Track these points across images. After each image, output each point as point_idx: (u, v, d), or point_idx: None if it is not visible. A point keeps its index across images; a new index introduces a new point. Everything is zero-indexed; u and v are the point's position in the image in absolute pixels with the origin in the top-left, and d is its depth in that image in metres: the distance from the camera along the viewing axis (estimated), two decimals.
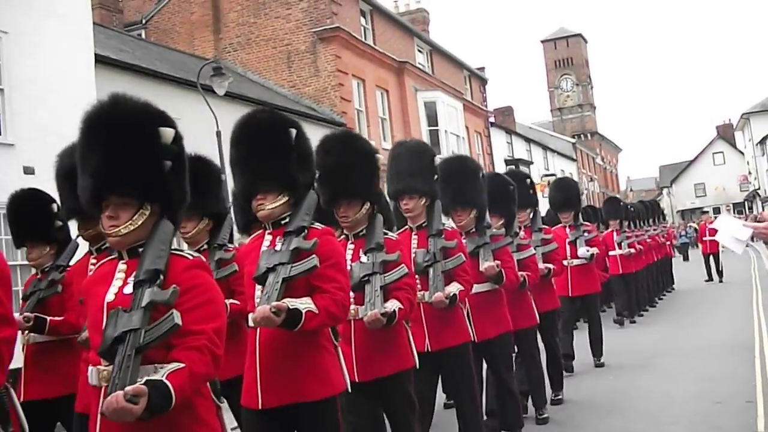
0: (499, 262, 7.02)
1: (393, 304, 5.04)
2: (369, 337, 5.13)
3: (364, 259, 5.20)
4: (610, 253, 15.88)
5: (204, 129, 18.29)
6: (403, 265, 5.25)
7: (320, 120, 27.36)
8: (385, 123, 32.46)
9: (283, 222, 4.53)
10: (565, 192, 11.96)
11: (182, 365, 3.16)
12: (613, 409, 9.00)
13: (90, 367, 3.46)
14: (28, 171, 15.14)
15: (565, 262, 10.51)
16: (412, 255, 6.05)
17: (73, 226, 6.07)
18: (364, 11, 32.90)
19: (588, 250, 11.26)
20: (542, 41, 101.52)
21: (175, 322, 3.18)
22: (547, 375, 9.06)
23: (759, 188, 70.30)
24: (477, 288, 6.81)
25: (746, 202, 77.65)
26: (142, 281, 3.33)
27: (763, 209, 61.81)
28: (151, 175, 3.49)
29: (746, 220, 7.34)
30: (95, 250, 5.67)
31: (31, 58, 15.58)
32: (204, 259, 3.62)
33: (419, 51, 38.25)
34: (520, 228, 8.61)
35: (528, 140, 53.87)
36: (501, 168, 44.63)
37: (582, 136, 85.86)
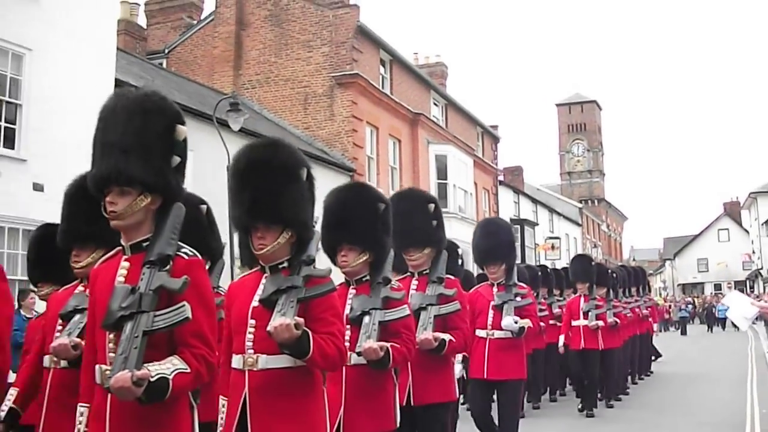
0: (519, 318, 7.98)
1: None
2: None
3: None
4: (573, 323, 13.58)
5: (216, 162, 18.45)
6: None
7: (331, 164, 27.52)
8: (395, 172, 32.59)
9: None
10: (492, 237, 8.42)
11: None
12: None
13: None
14: (38, 188, 15.27)
15: (483, 333, 8.10)
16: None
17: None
18: (383, 60, 33.18)
19: (516, 321, 7.98)
20: (557, 105, 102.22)
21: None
22: None
23: (762, 268, 70.12)
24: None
25: (748, 281, 77.41)
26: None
27: (764, 290, 61.70)
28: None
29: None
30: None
31: (52, 76, 15.78)
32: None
33: (435, 104, 38.49)
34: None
35: (535, 201, 53.93)
36: None
37: (589, 201, 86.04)
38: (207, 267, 5.33)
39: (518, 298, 8.18)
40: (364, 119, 30.17)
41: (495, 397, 8.32)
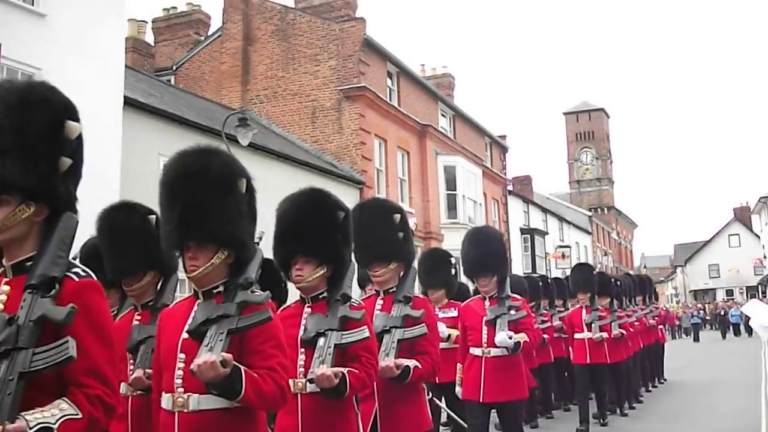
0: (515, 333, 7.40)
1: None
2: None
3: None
4: (576, 336, 12.83)
5: None
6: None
7: (340, 177, 27.59)
8: (404, 184, 32.62)
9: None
10: (481, 247, 7.80)
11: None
12: None
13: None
14: None
15: (478, 352, 7.53)
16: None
17: None
18: (391, 73, 33.26)
19: (511, 336, 7.31)
20: (564, 113, 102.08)
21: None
22: None
23: None
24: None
25: (760, 286, 77.12)
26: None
27: None
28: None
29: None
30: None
31: None
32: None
33: (442, 115, 38.55)
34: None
35: (545, 210, 53.95)
36: (516, 237, 44.73)
37: (599, 209, 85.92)
38: (159, 282, 5.21)
39: (512, 312, 7.46)
40: (372, 132, 30.23)
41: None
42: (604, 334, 12.61)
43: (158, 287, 5.24)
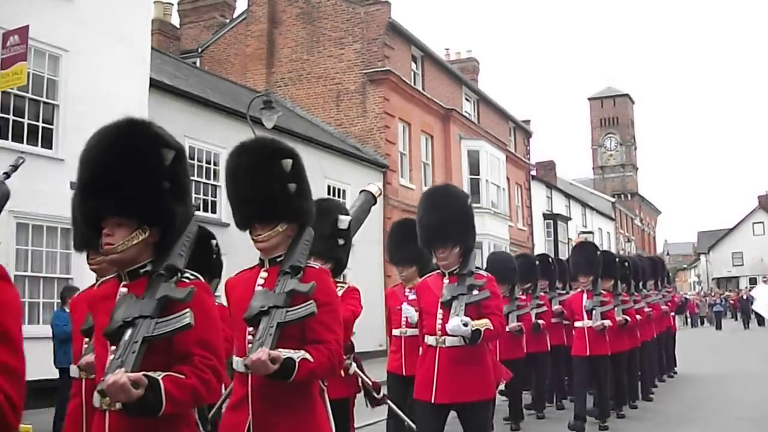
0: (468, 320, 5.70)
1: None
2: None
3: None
4: (576, 324, 11.10)
5: None
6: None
7: (364, 160, 27.70)
8: (428, 168, 32.67)
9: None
10: (439, 210, 6.14)
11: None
12: None
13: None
14: (74, 187, 15.45)
15: (431, 341, 5.98)
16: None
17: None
18: (415, 56, 33.26)
19: (467, 323, 5.64)
20: (589, 99, 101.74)
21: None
22: None
23: None
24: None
25: None
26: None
27: None
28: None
29: None
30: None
31: (88, 76, 15.99)
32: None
33: (467, 99, 38.53)
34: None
35: (568, 196, 53.83)
36: (539, 222, 44.68)
37: (622, 195, 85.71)
38: None
39: (475, 292, 5.88)
40: (396, 115, 30.26)
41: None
42: (607, 322, 10.75)
43: None
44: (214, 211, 20.35)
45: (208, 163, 20.32)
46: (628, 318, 11.52)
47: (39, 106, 15.54)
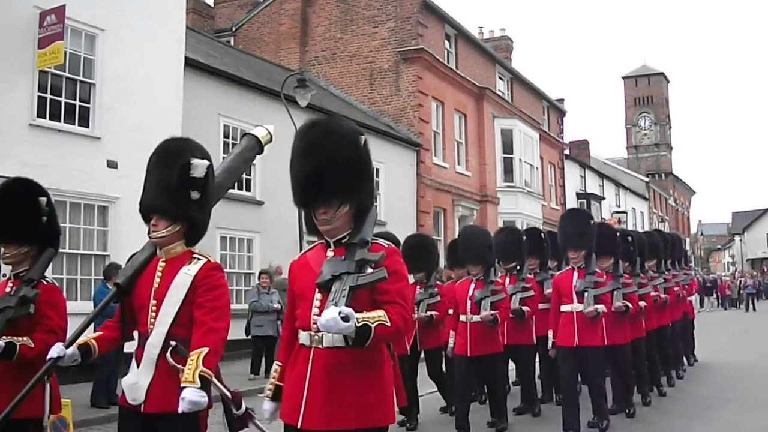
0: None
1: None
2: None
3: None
4: (563, 308, 9.36)
5: (282, 138, 18.71)
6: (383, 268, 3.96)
7: (397, 139, 27.71)
8: (461, 147, 32.63)
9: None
10: (317, 156, 5.59)
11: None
12: None
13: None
14: (111, 164, 15.65)
15: (305, 338, 4.20)
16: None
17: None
18: (449, 35, 33.19)
19: (345, 316, 3.94)
20: (623, 77, 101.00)
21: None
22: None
23: None
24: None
25: None
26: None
27: None
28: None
29: None
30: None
31: (124, 55, 16.11)
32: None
33: (500, 78, 38.41)
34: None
35: (601, 175, 53.54)
36: (573, 202, 44.55)
37: (656, 175, 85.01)
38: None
39: (369, 270, 4.21)
40: (430, 94, 30.23)
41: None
42: (601, 307, 9.04)
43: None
44: (249, 189, 20.49)
45: None
46: (628, 304, 9.77)
47: (76, 84, 15.67)
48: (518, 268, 11.05)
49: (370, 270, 3.96)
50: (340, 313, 3.65)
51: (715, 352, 18.38)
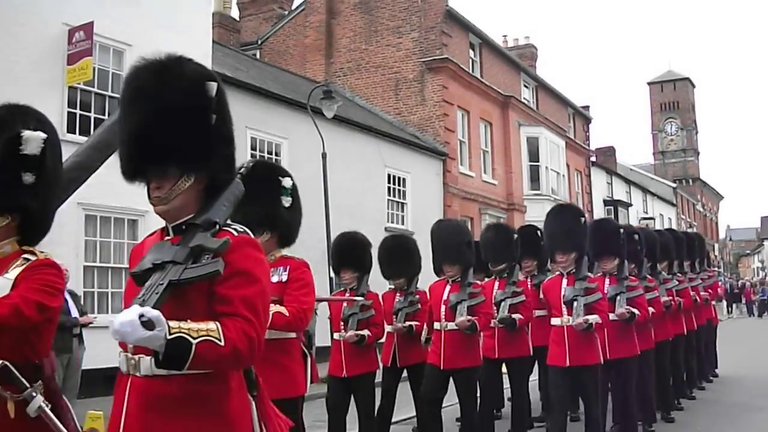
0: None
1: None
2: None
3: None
4: (552, 321, 7.94)
5: (310, 149, 18.97)
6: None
7: (423, 149, 27.79)
8: (487, 155, 32.64)
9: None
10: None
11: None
12: None
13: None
14: None
15: (123, 361, 2.97)
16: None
17: None
18: (473, 44, 33.22)
19: (146, 319, 2.60)
20: (649, 83, 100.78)
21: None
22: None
23: None
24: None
25: None
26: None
27: None
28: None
29: None
30: None
31: None
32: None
33: (525, 86, 38.39)
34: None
35: (628, 182, 53.36)
36: (600, 208, 44.42)
37: (683, 181, 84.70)
38: None
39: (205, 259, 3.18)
40: (455, 103, 30.26)
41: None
42: (594, 318, 7.49)
43: None
44: None
45: (270, 153, 20.52)
46: (633, 310, 8.45)
47: (105, 99, 15.84)
48: (508, 270, 9.64)
49: (207, 259, 2.85)
50: (141, 315, 2.54)
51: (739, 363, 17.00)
